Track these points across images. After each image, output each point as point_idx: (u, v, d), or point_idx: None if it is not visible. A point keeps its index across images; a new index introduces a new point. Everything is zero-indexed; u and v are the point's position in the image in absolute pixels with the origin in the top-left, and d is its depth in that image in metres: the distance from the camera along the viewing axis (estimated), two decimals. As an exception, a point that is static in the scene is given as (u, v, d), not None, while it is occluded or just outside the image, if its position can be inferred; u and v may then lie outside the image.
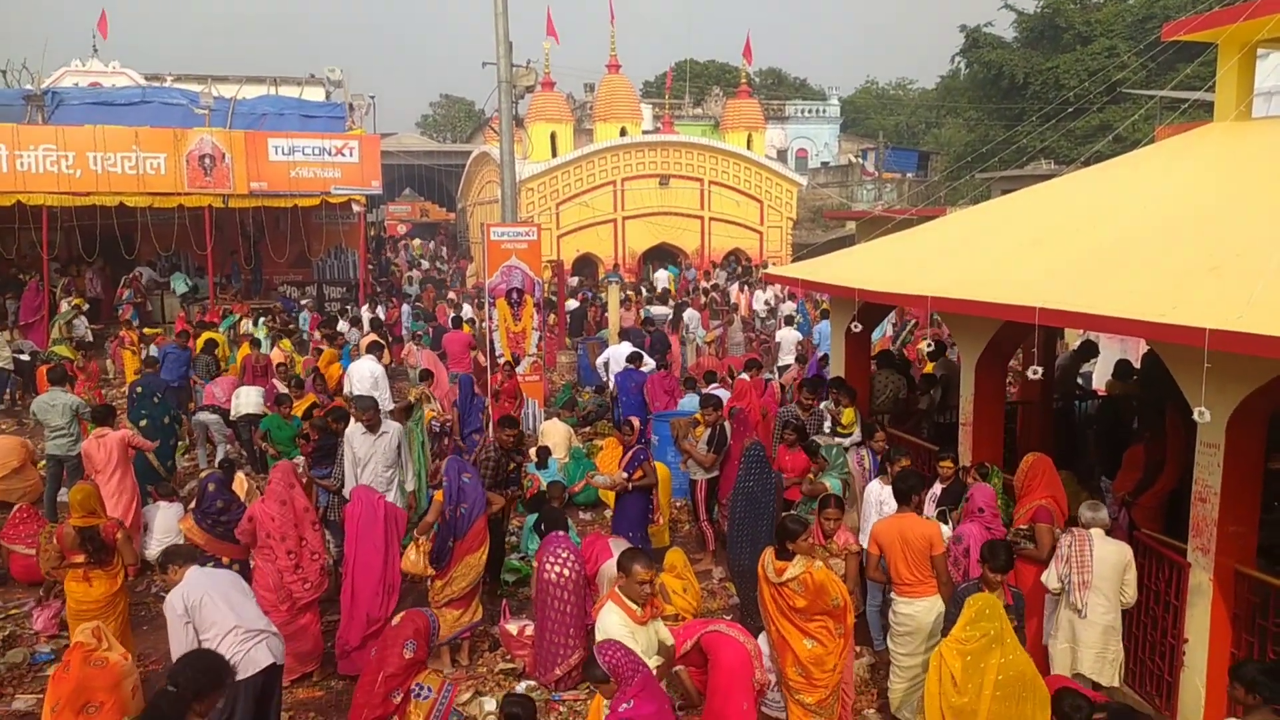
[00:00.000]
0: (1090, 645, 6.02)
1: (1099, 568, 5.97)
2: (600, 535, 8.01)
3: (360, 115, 22.62)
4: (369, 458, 8.48)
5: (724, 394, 11.20)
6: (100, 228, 19.85)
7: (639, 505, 8.70)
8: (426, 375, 12.85)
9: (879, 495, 7.59)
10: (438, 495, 7.48)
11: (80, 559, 6.73)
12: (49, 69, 25.63)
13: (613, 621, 5.20)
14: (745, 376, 11.83)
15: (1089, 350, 11.75)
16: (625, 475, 8.65)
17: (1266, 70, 12.87)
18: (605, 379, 14.29)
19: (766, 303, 23.45)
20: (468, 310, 20.04)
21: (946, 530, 6.73)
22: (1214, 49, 8.06)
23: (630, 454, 8.80)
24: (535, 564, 7.12)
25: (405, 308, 21.55)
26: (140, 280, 21.10)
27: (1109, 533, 6.20)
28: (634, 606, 5.28)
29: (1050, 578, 6.16)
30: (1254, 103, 8.23)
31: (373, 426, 8.53)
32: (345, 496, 8.21)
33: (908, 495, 6.56)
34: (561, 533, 7.50)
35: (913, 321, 17.93)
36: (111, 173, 19.15)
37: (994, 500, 6.88)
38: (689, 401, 11.75)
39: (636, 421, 9.36)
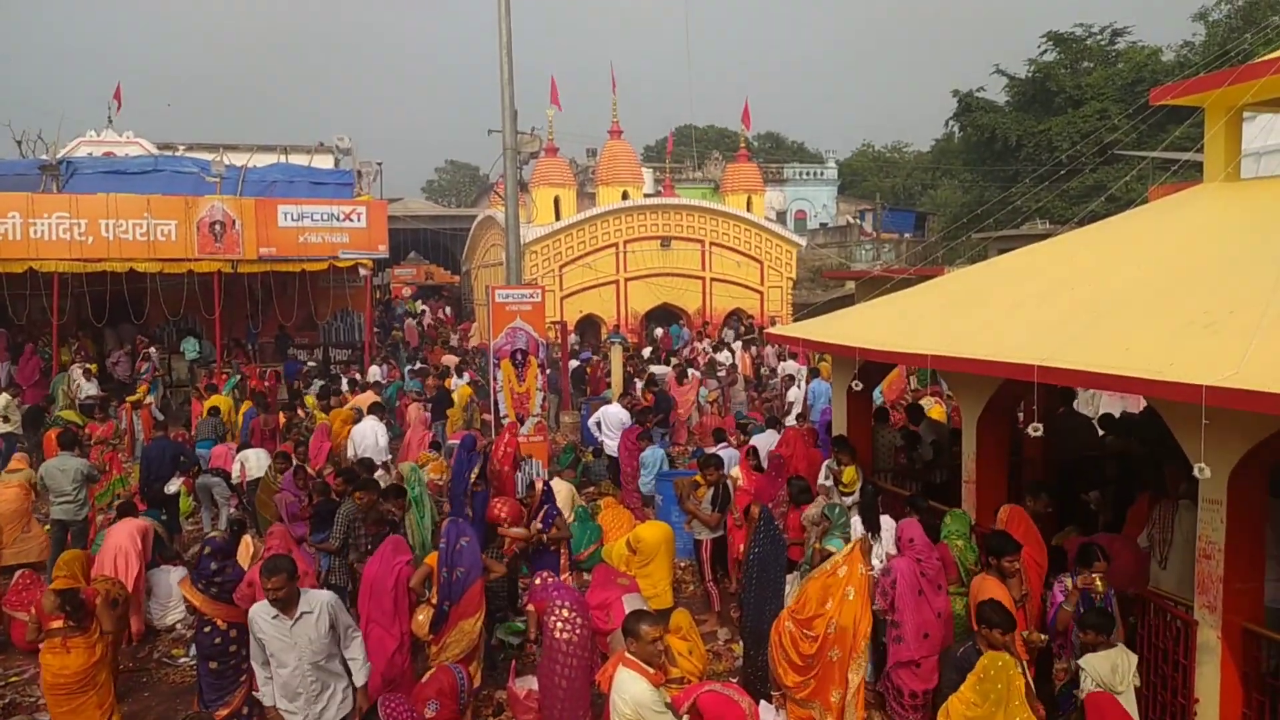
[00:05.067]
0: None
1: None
2: (611, 584, 7.85)
3: (368, 181, 22.94)
4: (292, 657, 5.58)
5: (729, 454, 11.25)
6: (110, 293, 19.93)
7: (550, 562, 8.86)
8: (435, 445, 12.82)
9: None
10: (430, 558, 7.44)
11: (58, 624, 6.63)
12: (64, 140, 25.95)
13: (643, 689, 5.04)
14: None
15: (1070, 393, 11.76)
16: (540, 528, 8.82)
17: (1254, 132, 13.10)
18: (599, 439, 14.33)
19: (779, 356, 23.06)
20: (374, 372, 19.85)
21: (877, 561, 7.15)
22: (1202, 111, 8.23)
23: (544, 511, 8.97)
24: (542, 618, 6.97)
25: (405, 370, 21.46)
26: (149, 350, 20.99)
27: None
28: (649, 669, 5.20)
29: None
30: (1243, 163, 8.38)
31: (285, 604, 5.51)
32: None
33: (987, 560, 6.59)
34: (560, 580, 7.43)
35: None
36: (123, 239, 19.35)
37: (922, 533, 6.89)
38: (650, 454, 12.34)
39: (540, 484, 9.43)
